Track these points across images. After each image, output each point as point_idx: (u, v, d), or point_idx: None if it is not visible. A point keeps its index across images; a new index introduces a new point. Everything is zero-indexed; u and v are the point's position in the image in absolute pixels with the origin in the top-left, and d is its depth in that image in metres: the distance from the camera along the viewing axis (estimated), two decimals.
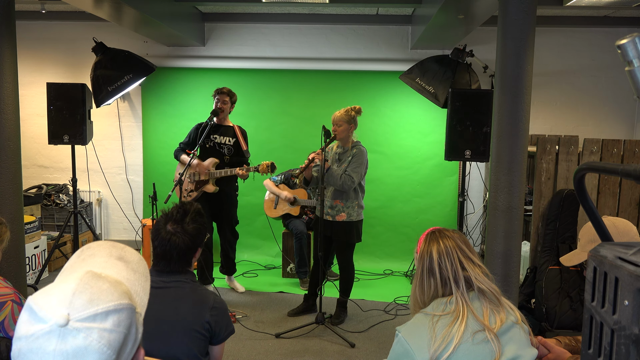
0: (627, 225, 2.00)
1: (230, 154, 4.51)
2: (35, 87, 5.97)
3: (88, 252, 1.01)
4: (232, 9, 5.68)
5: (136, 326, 0.89)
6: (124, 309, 0.86)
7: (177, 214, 1.97)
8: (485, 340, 1.48)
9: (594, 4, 4.64)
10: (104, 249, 1.01)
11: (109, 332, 0.82)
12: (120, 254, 1.01)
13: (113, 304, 0.85)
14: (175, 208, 2.01)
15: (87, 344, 0.80)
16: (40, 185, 5.96)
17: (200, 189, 4.46)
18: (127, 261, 1.00)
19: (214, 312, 1.94)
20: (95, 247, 1.02)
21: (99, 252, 1.00)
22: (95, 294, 0.84)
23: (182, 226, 1.95)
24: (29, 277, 4.72)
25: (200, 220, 2.01)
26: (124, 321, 0.85)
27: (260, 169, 4.24)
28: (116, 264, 0.98)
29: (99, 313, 0.83)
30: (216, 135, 4.50)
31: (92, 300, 0.83)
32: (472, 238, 5.76)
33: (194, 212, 2.01)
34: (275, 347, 3.71)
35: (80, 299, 0.83)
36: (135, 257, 1.03)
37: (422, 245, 1.67)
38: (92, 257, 0.99)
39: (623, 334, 0.62)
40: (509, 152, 3.17)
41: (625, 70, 0.92)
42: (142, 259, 1.05)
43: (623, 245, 0.69)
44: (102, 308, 0.83)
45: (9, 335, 2.13)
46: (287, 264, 5.29)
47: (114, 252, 1.01)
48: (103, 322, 0.82)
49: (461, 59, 4.78)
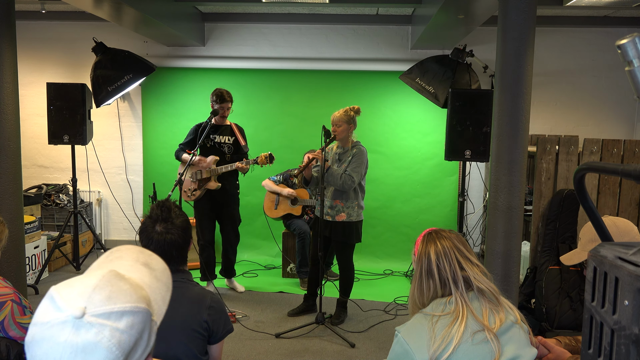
0: (628, 225, 2.00)
1: (231, 152, 4.55)
2: (35, 87, 5.96)
3: (116, 254, 1.02)
4: (232, 9, 5.68)
5: (149, 333, 0.89)
6: (140, 313, 0.86)
7: (162, 213, 1.96)
8: (484, 341, 1.48)
9: (594, 4, 4.64)
10: (131, 253, 1.02)
11: (121, 333, 0.83)
12: (147, 261, 1.02)
13: (130, 305, 0.85)
14: (156, 208, 1.99)
15: (97, 340, 0.81)
16: (40, 185, 5.96)
17: (203, 187, 4.48)
18: (152, 268, 1.01)
19: (211, 311, 1.94)
20: (124, 250, 1.03)
21: (126, 255, 1.02)
22: (114, 292, 0.85)
23: (172, 222, 1.94)
24: (29, 277, 4.72)
25: (183, 212, 2.03)
26: (137, 325, 0.85)
27: (259, 160, 4.27)
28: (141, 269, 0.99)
29: (115, 312, 0.83)
30: (216, 135, 4.54)
31: (110, 298, 0.84)
32: (472, 238, 5.76)
33: (175, 207, 2.01)
34: (275, 347, 3.71)
35: (99, 294, 0.84)
36: (160, 266, 1.04)
37: (420, 247, 1.67)
38: (119, 260, 1.00)
39: (623, 334, 0.62)
40: (509, 152, 3.17)
41: (625, 70, 0.92)
42: (167, 269, 1.05)
43: (623, 245, 0.69)
44: (118, 307, 0.84)
45: (9, 335, 2.13)
46: (287, 264, 5.29)
47: (141, 258, 1.02)
48: (117, 322, 0.83)
49: (461, 59, 4.78)
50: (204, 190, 4.49)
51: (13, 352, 2.11)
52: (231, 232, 4.68)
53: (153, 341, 0.91)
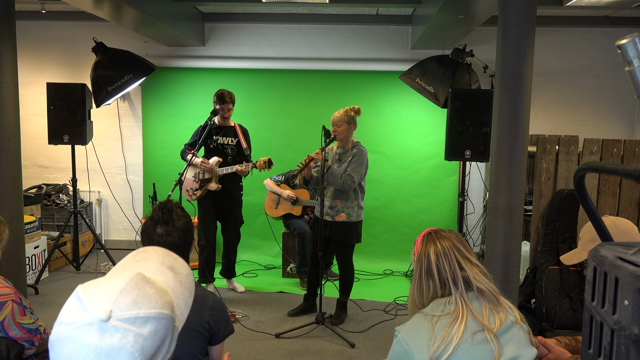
0: (628, 224, 2.00)
1: (234, 153, 4.55)
2: (35, 87, 5.97)
3: (143, 255, 1.02)
4: (232, 9, 5.68)
5: (171, 339, 0.90)
6: (164, 319, 0.87)
7: (164, 215, 1.95)
8: (484, 341, 1.48)
9: (594, 4, 4.64)
10: (157, 256, 1.02)
11: (144, 339, 0.83)
12: (172, 264, 1.02)
13: (155, 311, 0.85)
14: (157, 210, 1.97)
15: (121, 345, 0.81)
16: (40, 185, 5.96)
17: (204, 187, 4.48)
18: (177, 272, 1.01)
19: (213, 312, 1.95)
20: (150, 252, 1.04)
21: (152, 257, 1.02)
22: (140, 297, 0.85)
23: (173, 225, 1.93)
24: (29, 277, 4.72)
25: (185, 213, 2.01)
26: (160, 331, 0.86)
27: (258, 165, 4.27)
28: (166, 272, 0.99)
29: (140, 317, 0.84)
30: (219, 136, 4.53)
31: (136, 303, 0.84)
32: (472, 238, 5.76)
33: (177, 208, 1.99)
34: (275, 347, 3.71)
35: (126, 298, 0.84)
36: (185, 270, 1.04)
37: (419, 247, 1.67)
38: (145, 261, 1.00)
39: (623, 334, 0.62)
40: (509, 152, 3.17)
41: (625, 70, 0.92)
42: (191, 273, 1.06)
43: (623, 245, 0.69)
44: (143, 312, 0.84)
45: (9, 335, 2.13)
46: (287, 264, 5.29)
47: (167, 261, 1.02)
48: (141, 327, 0.83)
49: (461, 59, 4.78)
50: (205, 190, 4.50)
51: (13, 352, 2.11)
52: (232, 233, 4.68)
53: (174, 346, 0.92)
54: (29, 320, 2.17)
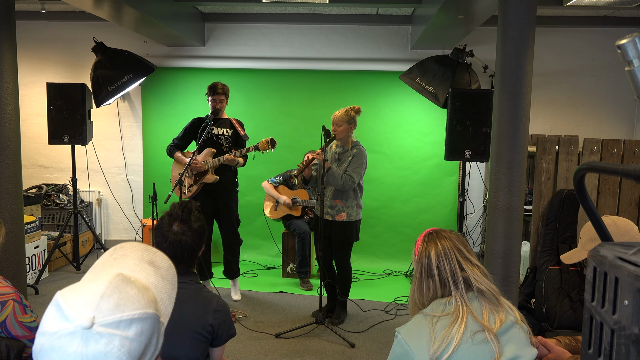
0: (628, 224, 2.00)
1: (229, 144, 4.44)
2: (35, 87, 5.97)
3: (121, 252, 1.00)
4: (232, 9, 5.68)
5: (157, 336, 0.89)
6: (148, 318, 0.85)
7: (183, 214, 1.95)
8: (484, 341, 1.48)
9: (594, 4, 4.64)
10: (136, 251, 1.00)
11: (131, 341, 0.82)
12: (152, 259, 1.00)
13: (139, 312, 0.84)
14: (178, 207, 1.97)
15: (107, 350, 0.80)
16: (40, 185, 5.96)
17: (199, 181, 4.38)
18: (158, 267, 1.00)
19: (217, 315, 1.94)
20: (128, 248, 1.01)
21: (131, 253, 1.00)
22: (122, 300, 0.84)
23: (189, 225, 1.93)
24: (29, 277, 4.72)
25: (202, 217, 2.02)
26: (146, 331, 0.85)
27: (260, 146, 4.16)
28: (146, 268, 0.97)
29: (124, 320, 0.82)
30: (214, 127, 4.44)
31: (118, 306, 0.83)
32: (472, 238, 5.76)
33: (196, 210, 2.00)
34: (275, 347, 3.71)
35: (107, 302, 0.83)
36: (165, 264, 1.02)
37: (420, 247, 1.67)
38: (124, 258, 0.98)
39: (623, 334, 0.62)
40: (509, 152, 3.17)
41: (625, 70, 0.92)
42: (172, 266, 1.04)
43: (623, 245, 0.69)
44: (127, 315, 0.83)
45: (12, 335, 2.13)
46: (287, 264, 5.29)
47: (146, 256, 1.00)
48: (126, 330, 0.82)
49: (461, 59, 4.78)
50: (201, 184, 4.39)
51: (13, 352, 2.11)
52: (229, 232, 4.52)
53: (161, 342, 0.91)
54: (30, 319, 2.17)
